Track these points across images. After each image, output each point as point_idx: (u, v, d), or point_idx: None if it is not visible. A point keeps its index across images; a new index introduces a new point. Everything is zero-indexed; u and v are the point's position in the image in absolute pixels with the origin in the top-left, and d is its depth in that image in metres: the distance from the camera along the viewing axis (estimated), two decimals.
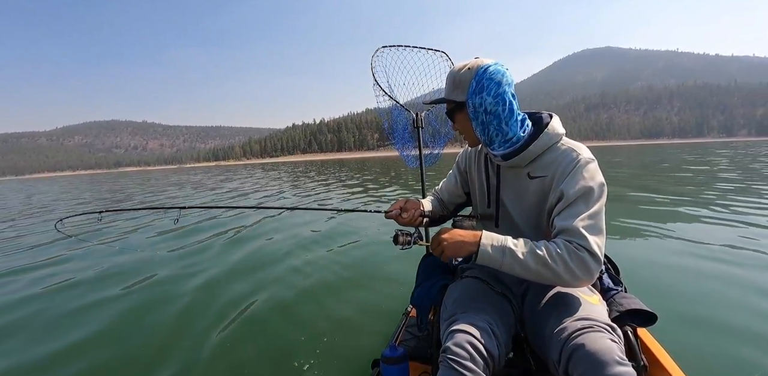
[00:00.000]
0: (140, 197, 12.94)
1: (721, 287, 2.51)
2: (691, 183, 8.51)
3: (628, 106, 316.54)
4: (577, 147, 1.06)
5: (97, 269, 3.77)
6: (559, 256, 0.92)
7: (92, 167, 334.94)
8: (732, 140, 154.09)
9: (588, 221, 0.96)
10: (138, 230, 6.01)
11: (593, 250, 0.92)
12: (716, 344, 1.87)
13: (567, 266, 0.91)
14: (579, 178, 0.99)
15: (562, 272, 0.92)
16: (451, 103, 1.11)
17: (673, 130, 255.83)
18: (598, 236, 0.95)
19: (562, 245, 0.94)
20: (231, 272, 3.53)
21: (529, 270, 0.94)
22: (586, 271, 0.92)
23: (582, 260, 0.92)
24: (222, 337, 2.26)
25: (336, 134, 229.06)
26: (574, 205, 0.98)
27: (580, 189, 0.98)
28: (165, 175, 39.69)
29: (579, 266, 0.92)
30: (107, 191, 17.83)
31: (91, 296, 3.05)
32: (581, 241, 0.93)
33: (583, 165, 1.01)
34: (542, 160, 1.08)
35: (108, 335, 2.40)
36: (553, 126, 1.08)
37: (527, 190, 1.11)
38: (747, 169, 11.66)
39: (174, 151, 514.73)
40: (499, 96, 1.03)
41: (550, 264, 0.92)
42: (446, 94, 1.11)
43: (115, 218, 6.91)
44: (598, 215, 0.97)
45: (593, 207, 0.97)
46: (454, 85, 1.07)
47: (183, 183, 20.59)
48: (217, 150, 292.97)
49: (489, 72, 1.03)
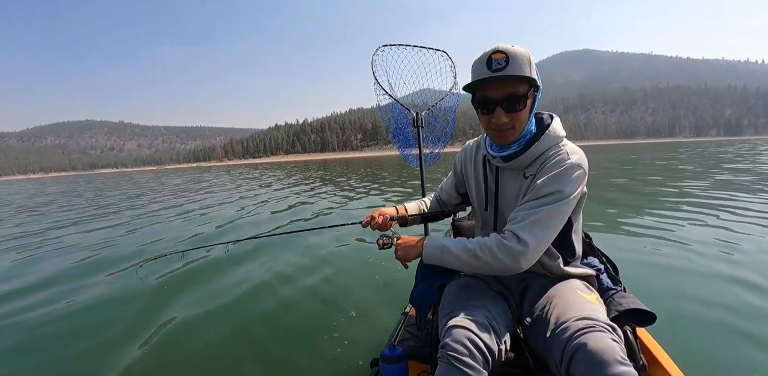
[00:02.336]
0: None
1: (720, 287, 2.54)
2: (690, 182, 8.51)
3: (604, 107, 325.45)
4: (571, 151, 1.04)
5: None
6: (488, 247, 0.98)
7: (66, 169, 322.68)
8: (702, 140, 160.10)
9: (537, 215, 0.97)
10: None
11: (523, 237, 0.95)
12: (715, 344, 1.88)
13: (494, 255, 0.97)
14: (557, 179, 0.99)
15: (491, 260, 0.97)
16: (525, 84, 0.99)
17: (647, 130, 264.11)
18: (540, 229, 0.97)
19: (493, 237, 1.00)
20: (224, 274, 3.51)
21: (464, 262, 1.01)
22: (513, 259, 0.96)
23: (509, 250, 0.95)
24: (221, 337, 2.25)
25: (319, 135, 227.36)
26: (537, 200, 1.00)
27: (553, 188, 0.99)
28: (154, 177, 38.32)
29: (506, 255, 0.96)
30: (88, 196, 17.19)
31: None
32: (517, 230, 0.96)
33: (568, 169, 1.00)
34: (539, 161, 1.07)
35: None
36: (554, 128, 1.07)
37: (521, 190, 1.10)
38: (746, 168, 11.90)
39: (152, 152, 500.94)
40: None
41: (479, 255, 0.98)
42: (521, 72, 0.97)
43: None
44: (554, 212, 0.98)
45: (550, 205, 0.98)
46: (531, 64, 0.97)
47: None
48: (198, 151, 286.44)
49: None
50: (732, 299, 2.35)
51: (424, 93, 2.38)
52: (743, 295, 2.39)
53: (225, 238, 5.14)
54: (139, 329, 2.45)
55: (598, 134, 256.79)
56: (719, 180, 8.64)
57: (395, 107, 2.33)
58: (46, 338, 2.46)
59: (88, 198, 14.13)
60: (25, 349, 2.32)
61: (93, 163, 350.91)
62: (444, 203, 1.46)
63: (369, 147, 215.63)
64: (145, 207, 9.60)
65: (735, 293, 2.42)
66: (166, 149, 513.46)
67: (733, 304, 2.28)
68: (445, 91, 2.34)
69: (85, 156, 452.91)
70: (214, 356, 2.09)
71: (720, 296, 2.39)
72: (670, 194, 6.95)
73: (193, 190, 14.68)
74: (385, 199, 8.39)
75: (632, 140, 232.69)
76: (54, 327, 2.59)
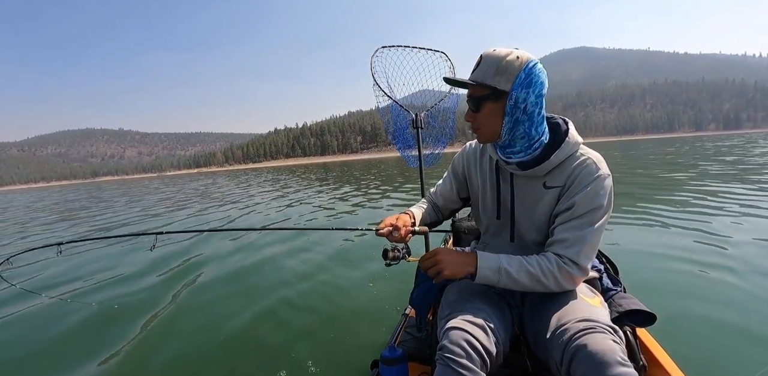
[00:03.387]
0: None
1: (720, 287, 2.53)
2: (690, 180, 8.41)
3: (603, 103, 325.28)
4: (596, 159, 1.03)
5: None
6: (550, 272, 0.97)
7: (67, 178, 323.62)
8: (701, 134, 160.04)
9: (589, 236, 0.98)
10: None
11: (582, 264, 0.98)
12: (716, 344, 1.87)
13: (556, 280, 0.98)
14: (594, 193, 0.99)
15: (552, 285, 0.98)
16: (486, 89, 1.00)
17: (647, 126, 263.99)
18: (592, 250, 1.00)
19: (554, 260, 0.98)
20: (229, 274, 3.56)
21: (524, 286, 0.99)
22: (572, 283, 1.00)
23: (570, 275, 0.98)
24: (221, 338, 2.26)
25: (319, 138, 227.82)
26: (580, 219, 0.99)
27: (593, 204, 0.99)
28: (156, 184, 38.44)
29: (566, 280, 0.98)
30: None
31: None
32: (574, 256, 0.97)
33: (601, 181, 1.00)
34: (560, 170, 1.05)
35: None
36: (572, 134, 1.05)
37: (541, 200, 1.08)
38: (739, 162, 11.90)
39: (153, 158, 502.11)
40: (540, 97, 0.99)
41: (542, 280, 0.98)
42: (483, 78, 0.99)
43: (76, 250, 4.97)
44: (599, 230, 1.00)
45: (597, 224, 0.99)
46: (498, 70, 0.97)
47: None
48: (198, 157, 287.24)
49: (537, 68, 0.97)
50: (732, 299, 2.34)
51: (423, 94, 2.39)
52: (744, 295, 2.38)
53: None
54: (126, 332, 2.45)
55: (597, 131, 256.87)
56: (719, 176, 8.59)
57: (395, 108, 2.33)
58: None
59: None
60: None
61: (94, 172, 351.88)
62: (440, 209, 1.39)
63: (369, 149, 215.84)
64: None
65: (735, 293, 2.41)
66: (167, 156, 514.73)
67: (733, 304, 2.27)
68: (445, 92, 2.35)
69: (86, 164, 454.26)
70: (212, 356, 2.09)
71: (720, 296, 2.38)
72: (669, 192, 6.92)
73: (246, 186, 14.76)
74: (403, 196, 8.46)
75: (632, 136, 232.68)
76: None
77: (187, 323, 2.57)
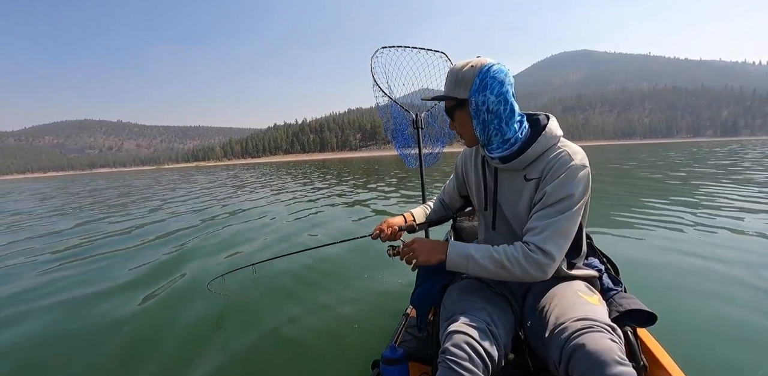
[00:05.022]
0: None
1: (721, 287, 2.54)
2: (690, 181, 8.51)
3: (602, 107, 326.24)
4: (573, 151, 1.06)
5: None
6: (515, 258, 1.00)
7: (64, 169, 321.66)
8: (698, 140, 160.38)
9: (557, 224, 1.00)
10: None
11: (548, 250, 0.99)
12: (717, 344, 1.87)
13: (521, 266, 0.99)
14: (565, 183, 1.02)
15: (518, 271, 1.00)
16: (451, 100, 1.09)
17: (645, 131, 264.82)
18: (563, 238, 1.01)
19: (519, 247, 1.02)
20: (228, 274, 3.61)
21: (490, 272, 1.02)
22: (539, 270, 1.00)
23: (536, 261, 0.99)
24: (220, 338, 2.26)
25: (318, 135, 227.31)
26: (551, 207, 1.02)
27: (563, 193, 1.01)
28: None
29: (532, 266, 0.99)
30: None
31: None
32: (540, 242, 0.99)
33: (574, 171, 1.02)
34: (539, 163, 1.08)
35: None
36: (550, 128, 1.08)
37: (523, 192, 1.11)
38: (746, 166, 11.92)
39: (151, 151, 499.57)
40: (502, 95, 1.03)
41: (506, 265, 1.00)
42: (447, 91, 1.10)
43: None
44: (570, 219, 1.01)
45: (567, 211, 1.01)
46: (455, 83, 1.06)
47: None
48: (197, 150, 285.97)
49: (492, 70, 1.02)
50: (733, 299, 2.36)
51: (423, 94, 2.35)
52: (745, 295, 2.41)
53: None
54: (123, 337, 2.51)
55: (596, 135, 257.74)
56: (719, 179, 8.65)
57: (395, 108, 2.35)
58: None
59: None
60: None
61: (92, 163, 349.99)
62: (447, 206, 1.49)
63: (368, 147, 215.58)
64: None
65: (737, 293, 2.44)
66: (165, 149, 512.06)
67: (734, 304, 2.28)
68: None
69: (83, 156, 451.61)
70: (211, 356, 2.08)
71: (721, 296, 2.40)
72: (670, 192, 6.93)
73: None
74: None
75: (630, 141, 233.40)
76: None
77: (182, 326, 2.55)
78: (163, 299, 3.02)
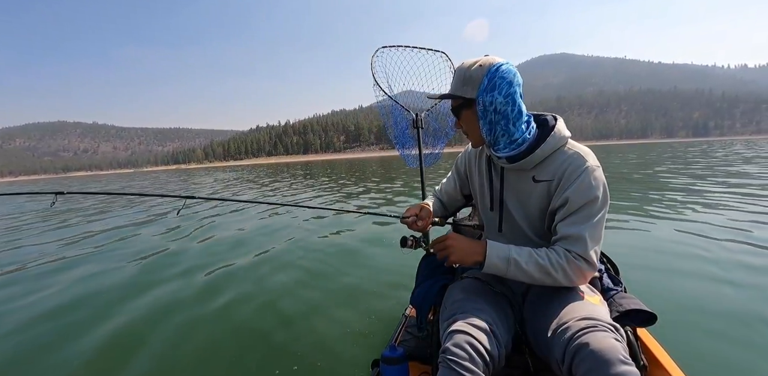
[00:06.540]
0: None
1: (722, 287, 2.54)
2: (691, 181, 8.45)
3: (581, 109, 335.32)
4: (584, 152, 1.05)
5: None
6: (560, 265, 0.98)
7: (36, 172, 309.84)
8: (672, 141, 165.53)
9: (590, 230, 0.99)
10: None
11: (590, 259, 0.99)
12: (716, 344, 1.87)
13: (566, 273, 0.98)
14: (586, 185, 1.00)
15: (561, 278, 0.99)
16: (458, 99, 1.08)
17: (621, 132, 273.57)
18: (597, 244, 1.00)
19: (562, 254, 0.99)
20: (228, 272, 3.48)
21: (533, 278, 1.00)
22: (581, 277, 1.00)
23: (579, 269, 0.98)
24: (220, 338, 2.25)
25: (302, 136, 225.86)
26: (578, 212, 1.01)
27: (586, 197, 1.00)
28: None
29: (576, 274, 0.99)
30: None
31: None
32: (581, 250, 0.98)
33: (591, 172, 1.01)
34: (548, 164, 1.07)
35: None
36: (559, 129, 1.07)
37: (532, 193, 1.10)
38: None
39: (129, 154, 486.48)
40: (510, 96, 1.02)
41: (551, 273, 0.98)
42: (454, 90, 1.08)
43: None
44: (600, 223, 1.01)
45: (597, 216, 1.00)
46: (463, 81, 1.05)
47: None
48: (177, 153, 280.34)
49: (501, 70, 1.01)
50: (734, 299, 2.36)
51: (423, 94, 2.41)
52: (745, 295, 2.42)
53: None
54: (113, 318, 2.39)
55: (575, 136, 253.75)
56: (718, 177, 8.70)
57: (395, 108, 2.36)
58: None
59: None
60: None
61: (66, 166, 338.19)
62: (446, 205, 1.46)
63: (351, 149, 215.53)
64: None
65: (737, 293, 2.44)
66: (143, 151, 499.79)
67: (735, 304, 2.27)
68: (445, 93, 2.47)
69: (57, 159, 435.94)
70: (210, 356, 2.06)
71: (722, 296, 2.41)
72: (670, 192, 6.91)
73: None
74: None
75: (607, 141, 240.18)
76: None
77: (181, 326, 2.51)
78: (157, 300, 2.91)
